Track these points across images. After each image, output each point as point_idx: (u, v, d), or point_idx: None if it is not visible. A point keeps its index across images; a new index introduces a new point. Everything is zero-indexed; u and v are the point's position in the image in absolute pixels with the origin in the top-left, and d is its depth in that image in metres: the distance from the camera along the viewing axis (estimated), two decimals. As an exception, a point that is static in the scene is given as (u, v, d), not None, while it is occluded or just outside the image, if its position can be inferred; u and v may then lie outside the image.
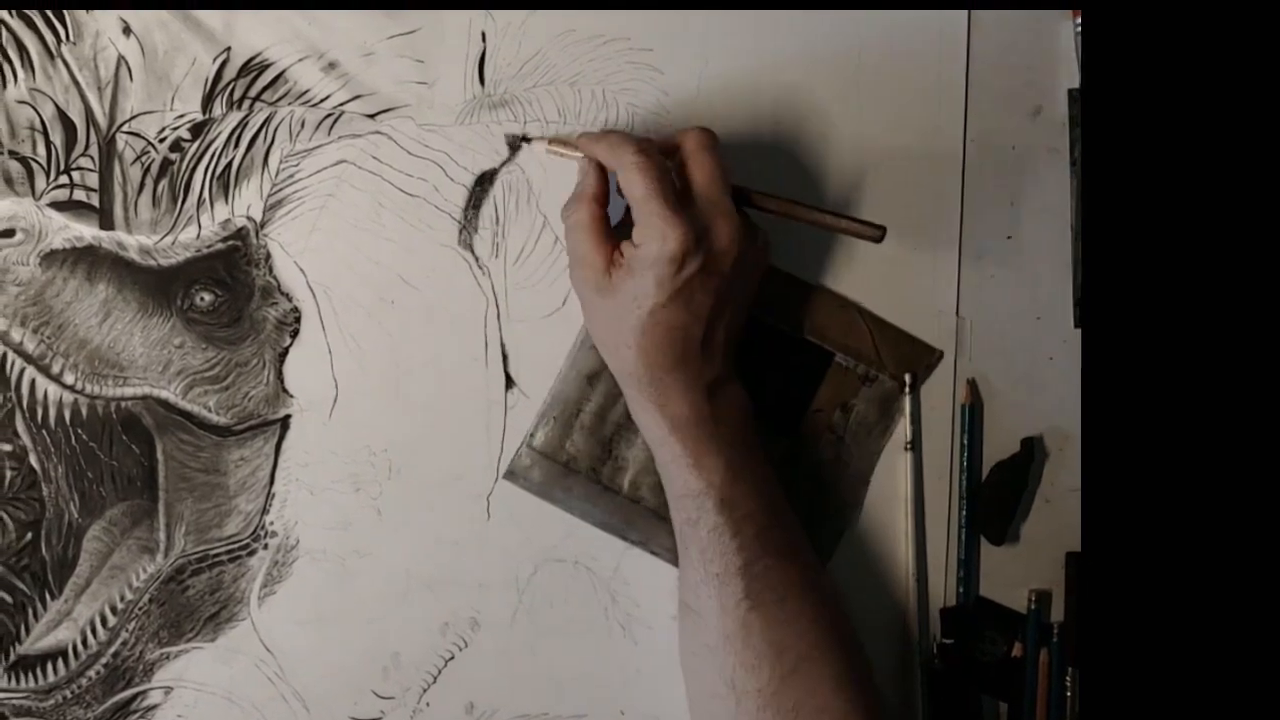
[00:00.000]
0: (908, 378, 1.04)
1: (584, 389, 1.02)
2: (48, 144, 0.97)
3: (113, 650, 1.01)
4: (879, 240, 0.93)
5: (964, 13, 1.04)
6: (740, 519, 0.91)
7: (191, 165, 0.99)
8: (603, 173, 0.93)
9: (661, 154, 0.91)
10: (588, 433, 1.03)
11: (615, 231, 0.94)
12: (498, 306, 1.02)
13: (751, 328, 0.99)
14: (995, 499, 1.06)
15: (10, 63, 0.97)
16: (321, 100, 0.99)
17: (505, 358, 1.03)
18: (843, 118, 1.04)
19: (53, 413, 0.99)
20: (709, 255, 0.89)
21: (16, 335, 0.98)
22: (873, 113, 1.04)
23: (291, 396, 1.01)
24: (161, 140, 0.98)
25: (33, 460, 0.99)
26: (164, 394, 1.00)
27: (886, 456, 1.06)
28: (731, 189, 0.92)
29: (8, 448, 0.99)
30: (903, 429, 1.05)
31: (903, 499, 1.05)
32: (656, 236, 0.88)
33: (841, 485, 1.05)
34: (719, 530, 0.91)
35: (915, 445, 1.05)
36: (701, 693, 0.95)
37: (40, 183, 0.98)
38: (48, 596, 1.00)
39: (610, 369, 0.96)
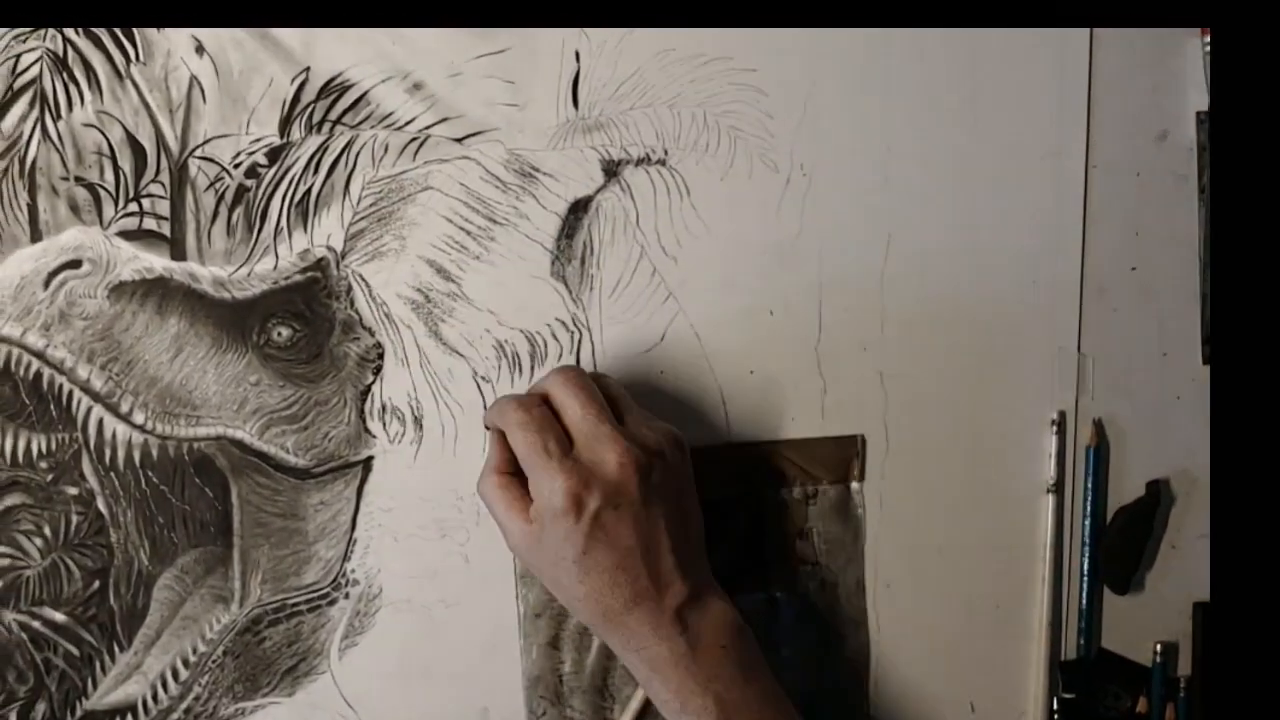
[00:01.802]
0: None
1: (551, 656, 0.97)
2: (116, 170, 0.90)
3: (185, 705, 0.94)
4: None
5: (1086, 31, 0.96)
6: None
7: (268, 192, 0.92)
8: (504, 440, 0.87)
9: (544, 404, 0.86)
10: (580, 693, 0.98)
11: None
12: (592, 342, 0.96)
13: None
14: (1119, 545, 0.99)
15: (76, 84, 0.90)
16: (406, 123, 0.92)
17: None
18: (957, 143, 0.97)
19: (121, 454, 0.92)
20: (605, 490, 0.83)
21: (83, 372, 0.91)
22: (989, 137, 0.97)
23: (374, 437, 0.94)
24: (237, 166, 0.91)
25: (100, 504, 0.92)
26: (239, 434, 0.93)
27: (1020, 501, 0.97)
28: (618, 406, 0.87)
29: (74, 491, 0.92)
30: (1046, 470, 0.97)
31: (1040, 545, 0.99)
32: (544, 492, 0.83)
33: (841, 603, 0.99)
34: None
35: (1058, 488, 0.98)
36: None
37: (108, 211, 0.91)
38: (116, 648, 0.93)
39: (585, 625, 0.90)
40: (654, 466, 0.85)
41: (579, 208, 0.95)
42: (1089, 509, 0.99)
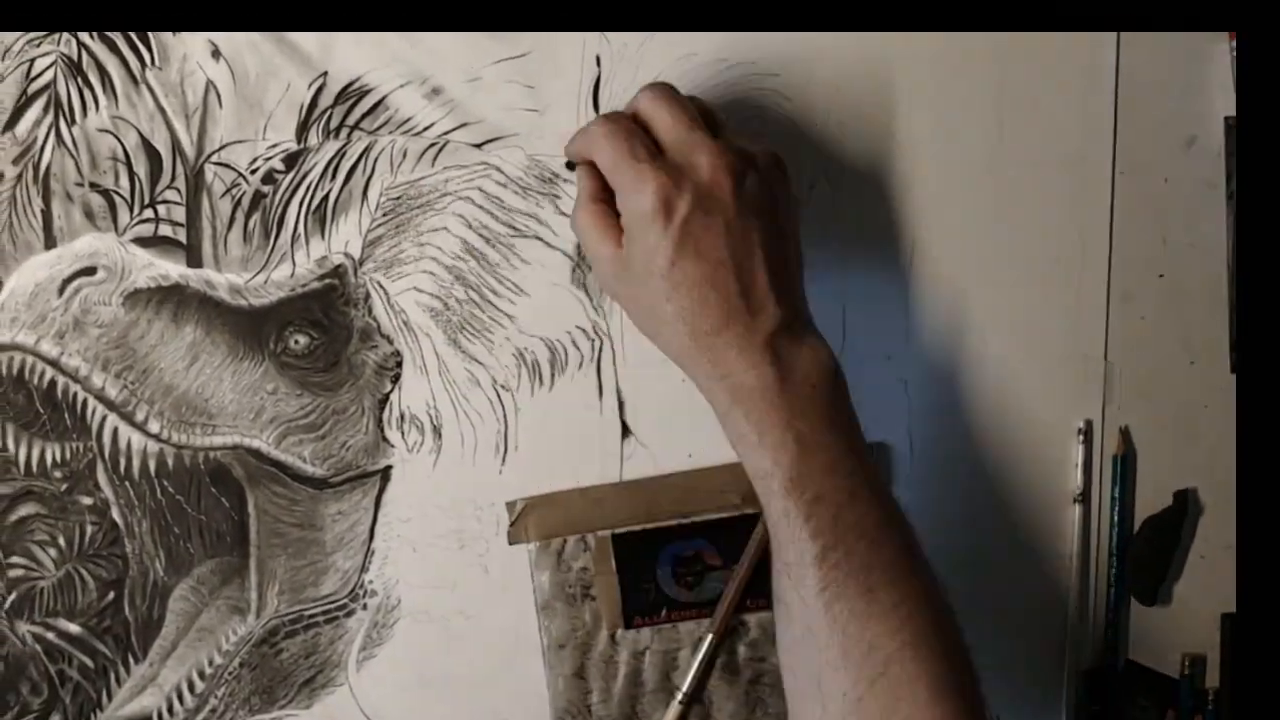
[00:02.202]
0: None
1: (578, 687, 0.96)
2: (131, 176, 0.89)
3: (201, 718, 0.93)
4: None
5: (1113, 35, 0.94)
6: (811, 501, 0.78)
7: (285, 198, 0.90)
8: (594, 170, 0.83)
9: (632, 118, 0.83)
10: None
11: None
12: (614, 350, 0.94)
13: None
14: (1146, 556, 0.97)
15: (91, 89, 0.89)
16: (425, 129, 0.91)
17: (621, 405, 0.94)
18: (982, 148, 0.95)
19: (136, 463, 0.91)
20: (697, 193, 0.78)
21: (98, 380, 0.89)
22: (1014, 142, 0.95)
23: (392, 446, 0.93)
24: (253, 171, 0.90)
25: (115, 514, 0.91)
26: (256, 443, 0.92)
27: (1046, 511, 0.97)
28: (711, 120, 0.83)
29: (89, 501, 0.91)
30: (1072, 479, 0.96)
31: (1067, 555, 0.98)
32: (633, 193, 0.79)
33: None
34: (788, 515, 0.78)
35: (1085, 497, 0.96)
36: (795, 691, 0.82)
37: (123, 217, 0.89)
38: (131, 660, 0.92)
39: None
40: (748, 175, 0.80)
41: None
42: (1116, 519, 0.97)
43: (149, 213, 0.89)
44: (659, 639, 0.95)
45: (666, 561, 0.95)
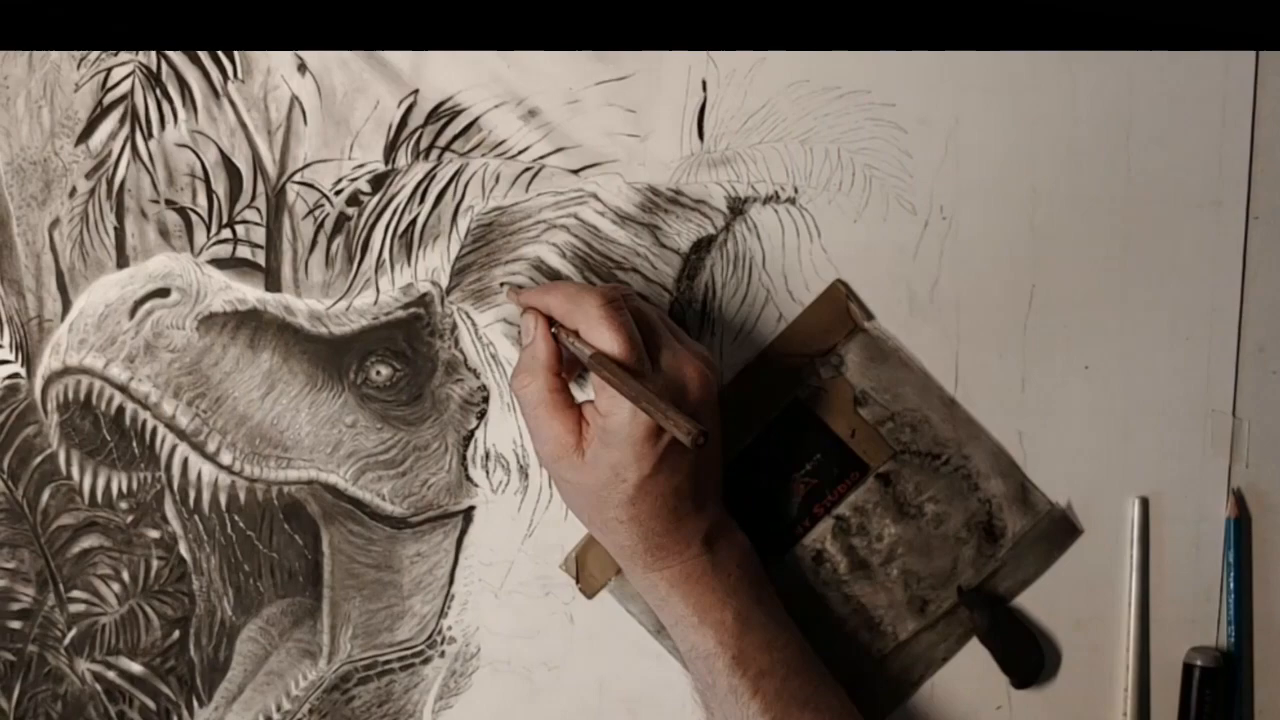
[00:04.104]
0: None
1: None
2: (209, 193, 0.85)
3: None
4: (690, 444, 0.73)
5: (1250, 54, 0.86)
6: (756, 677, 0.80)
7: (371, 222, 0.86)
8: (553, 332, 0.80)
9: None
10: None
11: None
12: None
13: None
14: None
15: (170, 101, 0.85)
16: (519, 152, 0.86)
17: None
18: (1108, 186, 0.87)
19: (206, 496, 0.87)
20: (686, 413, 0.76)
21: (169, 408, 0.86)
22: (1142, 181, 0.87)
23: (476, 486, 0.87)
24: (338, 192, 0.85)
25: (182, 549, 0.87)
26: (332, 479, 0.87)
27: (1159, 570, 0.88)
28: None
29: (155, 534, 0.87)
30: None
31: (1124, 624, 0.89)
32: (625, 410, 0.75)
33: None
34: (736, 692, 0.80)
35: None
36: None
37: (200, 237, 0.86)
38: (195, 703, 0.88)
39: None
40: (714, 380, 0.80)
41: (701, 247, 0.87)
42: (1233, 587, 0.88)
43: (227, 233, 0.86)
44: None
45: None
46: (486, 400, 0.87)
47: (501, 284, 0.85)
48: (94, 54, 0.84)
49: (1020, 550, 0.87)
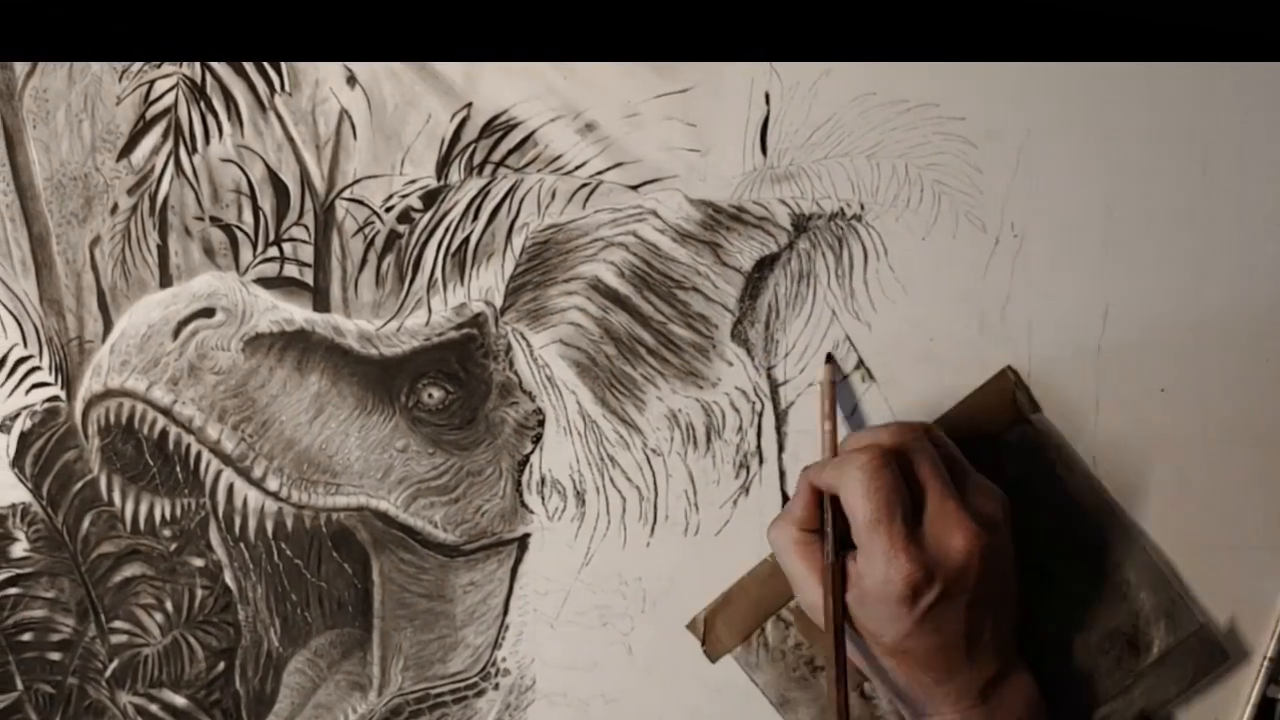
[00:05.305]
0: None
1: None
2: (255, 210, 0.84)
3: None
4: None
5: None
6: None
7: (422, 239, 0.84)
8: (813, 494, 0.78)
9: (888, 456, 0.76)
10: None
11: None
12: (775, 414, 0.84)
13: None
14: None
15: (215, 115, 0.84)
16: (576, 168, 0.83)
17: (782, 475, 0.84)
18: (1186, 201, 0.83)
19: (253, 523, 0.85)
20: (946, 580, 0.74)
21: (213, 432, 0.84)
22: (1222, 196, 0.83)
23: (531, 512, 0.85)
24: (388, 209, 0.84)
25: (228, 578, 0.85)
26: (383, 505, 0.84)
27: (1246, 611, 0.84)
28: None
29: (200, 563, 0.85)
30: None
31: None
32: (880, 572, 0.74)
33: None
34: None
35: None
36: None
37: (246, 255, 0.84)
38: None
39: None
40: (993, 547, 0.76)
41: (764, 265, 0.84)
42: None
43: (274, 251, 0.84)
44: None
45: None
46: (542, 424, 0.84)
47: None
48: (136, 66, 0.83)
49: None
